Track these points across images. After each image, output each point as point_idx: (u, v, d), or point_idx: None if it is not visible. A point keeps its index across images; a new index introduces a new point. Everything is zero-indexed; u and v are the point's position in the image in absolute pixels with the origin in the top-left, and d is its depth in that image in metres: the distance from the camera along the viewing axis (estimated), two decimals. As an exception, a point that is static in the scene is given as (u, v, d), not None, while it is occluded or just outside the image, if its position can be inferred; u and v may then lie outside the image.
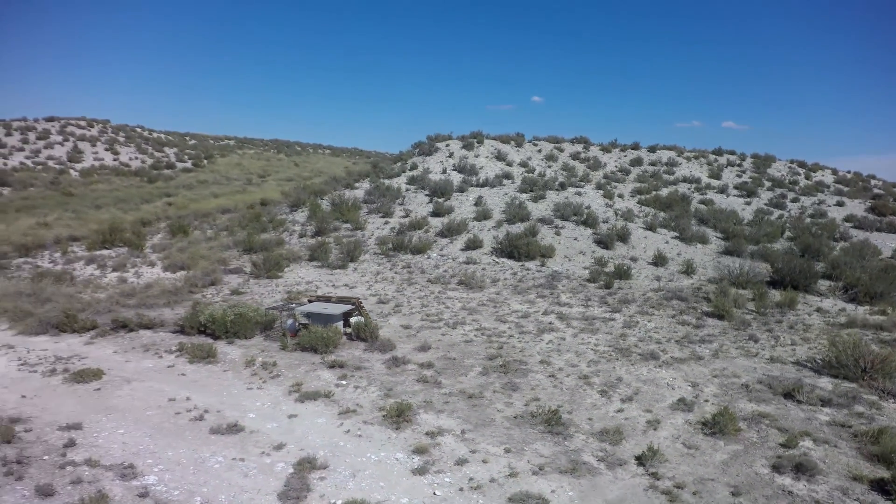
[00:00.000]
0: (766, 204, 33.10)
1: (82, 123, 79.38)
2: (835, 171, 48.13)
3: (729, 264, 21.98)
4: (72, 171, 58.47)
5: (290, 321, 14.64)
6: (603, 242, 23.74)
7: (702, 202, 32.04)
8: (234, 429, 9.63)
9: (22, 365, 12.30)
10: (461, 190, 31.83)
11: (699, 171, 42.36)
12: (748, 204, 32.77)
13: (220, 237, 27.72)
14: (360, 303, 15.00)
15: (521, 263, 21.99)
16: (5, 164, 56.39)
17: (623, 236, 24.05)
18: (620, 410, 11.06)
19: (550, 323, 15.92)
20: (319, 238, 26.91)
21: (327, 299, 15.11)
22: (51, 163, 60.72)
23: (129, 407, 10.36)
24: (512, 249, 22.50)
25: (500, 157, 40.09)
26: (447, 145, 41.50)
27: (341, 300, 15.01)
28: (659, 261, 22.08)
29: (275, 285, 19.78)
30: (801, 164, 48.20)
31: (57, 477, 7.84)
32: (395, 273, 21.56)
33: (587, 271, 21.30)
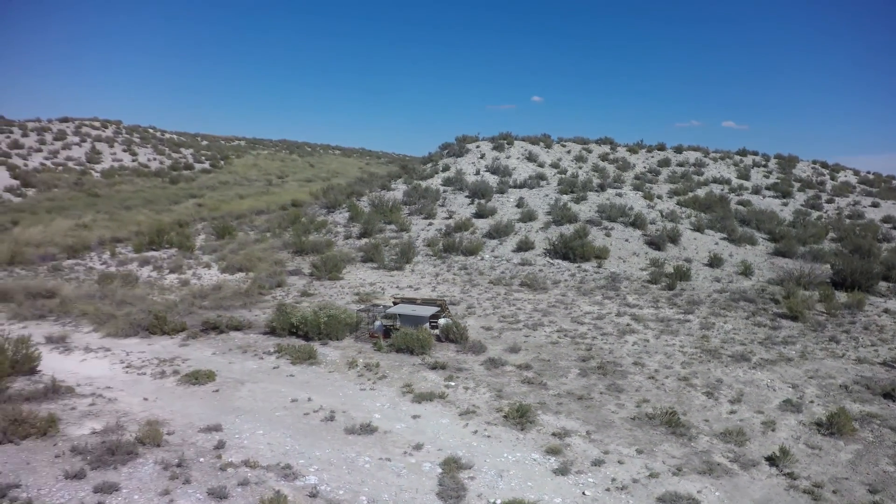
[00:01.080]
0: (802, 205, 33.25)
1: (96, 124, 79.52)
2: (856, 172, 48.31)
3: (785, 265, 22.14)
4: (93, 172, 58.56)
5: (377, 323, 14.76)
6: (655, 244, 23.87)
7: (740, 203, 32.19)
8: (367, 429, 9.75)
9: (127, 367, 12.42)
10: (501, 191, 31.97)
11: (727, 171, 42.51)
12: (785, 205, 32.91)
13: (267, 239, 27.84)
14: (446, 305, 15.12)
15: (577, 265, 22.12)
16: (26, 165, 56.39)
17: (674, 238, 24.19)
18: (733, 412, 11.19)
19: (628, 324, 16.05)
20: (366, 239, 27.04)
21: (412, 301, 15.23)
22: (70, 163, 60.78)
23: (255, 408, 10.48)
24: (567, 251, 22.62)
25: (531, 158, 40.23)
26: (477, 146, 41.63)
27: (426, 302, 15.14)
28: (715, 262, 22.22)
29: (339, 287, 19.90)
30: (824, 165, 48.40)
31: (222, 479, 7.95)
32: (454, 274, 21.69)
33: (645, 272, 21.44)
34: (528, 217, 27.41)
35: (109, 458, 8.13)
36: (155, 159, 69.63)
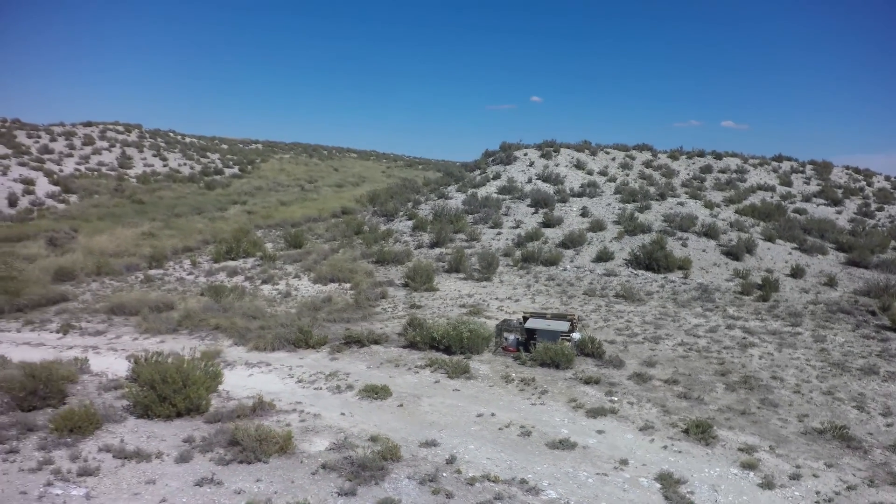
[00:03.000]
0: (855, 213, 33.85)
1: (119, 128, 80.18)
2: (888, 178, 48.98)
3: (862, 275, 22.73)
4: (129, 178, 59.04)
5: (511, 337, 15.34)
6: (732, 254, 24.44)
7: (796, 212, 32.77)
8: (566, 444, 10.32)
9: (299, 382, 12.98)
10: (562, 200, 32.54)
11: (768, 178, 43.09)
12: (839, 213, 33.50)
13: (343, 248, 28.37)
14: (576, 319, 15.69)
15: (663, 276, 22.70)
16: (62, 171, 56.77)
17: (750, 248, 24.76)
18: (889, 425, 11.78)
19: (744, 338, 16.62)
20: (440, 249, 27.60)
21: (542, 315, 15.79)
22: (104, 169, 61.29)
23: (449, 423, 11.04)
24: (651, 262, 23.19)
25: (578, 165, 40.82)
26: (525, 154, 42.23)
27: (555, 316, 15.70)
28: (797, 273, 22.80)
29: (441, 298, 20.46)
30: (857, 171, 49.09)
31: (478, 495, 8.49)
32: (544, 286, 22.26)
33: (732, 283, 22.02)
34: (598, 227, 27.96)
35: (364, 474, 8.68)
36: (185, 164, 70.21)
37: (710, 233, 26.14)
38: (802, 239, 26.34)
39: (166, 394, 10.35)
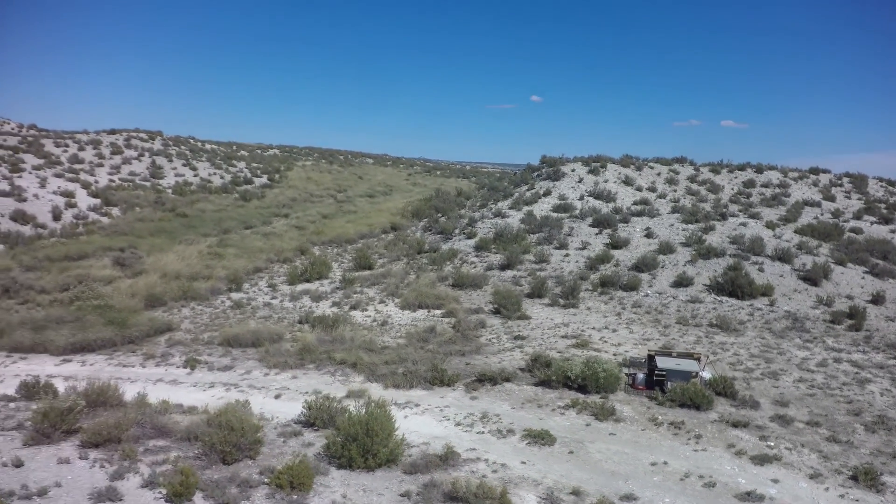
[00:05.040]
0: (908, 232, 34.30)
1: (143, 136, 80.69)
2: (922, 190, 49.41)
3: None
4: (164, 189, 59.34)
5: (640, 375, 15.76)
6: (810, 279, 24.87)
7: (852, 231, 33.20)
8: (753, 496, 10.73)
9: (458, 425, 13.38)
10: (624, 220, 32.96)
11: (810, 192, 43.52)
12: (893, 232, 33.94)
13: (414, 270, 28.77)
14: (702, 357, 16.12)
15: (748, 303, 23.13)
16: (97, 182, 56.97)
17: (826, 273, 25.20)
18: None
19: (857, 373, 17.05)
20: (512, 272, 28.02)
21: (668, 353, 16.21)
22: (137, 179, 61.55)
23: (628, 472, 11.45)
24: (734, 288, 23.61)
25: (627, 182, 41.26)
26: (573, 170, 42.66)
27: (680, 355, 16.13)
28: (877, 299, 23.24)
29: (539, 328, 20.86)
30: (890, 183, 49.64)
31: (703, 552, 8.93)
32: (633, 313, 22.67)
33: (818, 311, 22.45)
34: (667, 249, 28.37)
35: (592, 534, 9.10)
36: (215, 174, 70.54)
37: (783, 257, 26.57)
38: (873, 263, 26.78)
39: (369, 446, 10.76)
